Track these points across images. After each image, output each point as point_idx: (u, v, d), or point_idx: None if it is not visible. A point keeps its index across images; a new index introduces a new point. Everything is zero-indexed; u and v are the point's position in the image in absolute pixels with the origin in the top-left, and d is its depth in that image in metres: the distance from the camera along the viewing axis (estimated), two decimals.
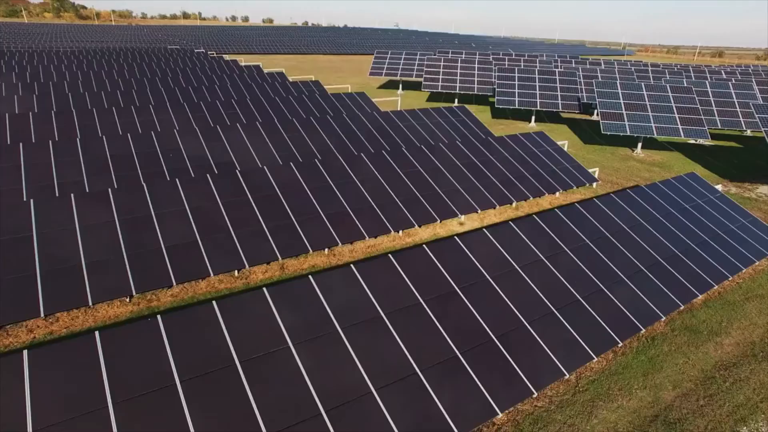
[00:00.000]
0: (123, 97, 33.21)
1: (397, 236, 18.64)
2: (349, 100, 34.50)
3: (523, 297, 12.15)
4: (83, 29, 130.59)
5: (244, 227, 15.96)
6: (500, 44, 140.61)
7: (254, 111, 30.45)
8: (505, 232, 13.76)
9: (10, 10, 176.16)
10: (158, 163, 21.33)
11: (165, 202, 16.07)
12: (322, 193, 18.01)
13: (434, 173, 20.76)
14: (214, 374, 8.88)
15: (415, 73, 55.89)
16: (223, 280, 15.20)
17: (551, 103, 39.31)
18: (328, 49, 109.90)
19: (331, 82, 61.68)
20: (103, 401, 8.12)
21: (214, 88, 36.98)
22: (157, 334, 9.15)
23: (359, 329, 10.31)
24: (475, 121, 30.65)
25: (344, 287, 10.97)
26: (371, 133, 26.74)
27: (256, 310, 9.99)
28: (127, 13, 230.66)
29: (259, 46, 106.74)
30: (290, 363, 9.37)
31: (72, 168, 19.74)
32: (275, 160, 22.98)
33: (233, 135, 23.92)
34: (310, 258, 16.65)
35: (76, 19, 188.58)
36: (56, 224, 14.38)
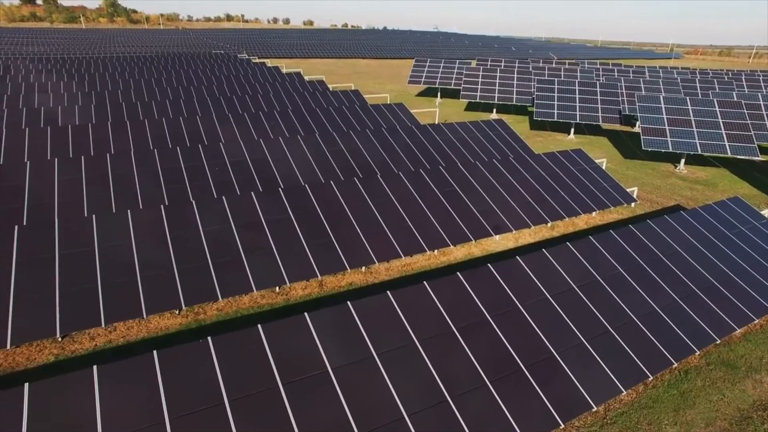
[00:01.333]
0: (172, 107, 34.79)
1: (432, 255, 19.06)
2: (388, 111, 35.08)
3: (554, 326, 12.39)
4: (134, 34, 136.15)
5: (285, 244, 16.71)
6: (540, 48, 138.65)
7: (296, 123, 31.40)
8: (539, 260, 14.00)
9: (70, 17, 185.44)
10: (205, 176, 22.42)
11: (211, 218, 17.00)
12: (361, 212, 18.62)
13: (470, 192, 21.07)
14: (259, 395, 9.56)
15: (454, 82, 56.04)
16: (265, 296, 15.98)
17: (591, 116, 38.84)
18: (367, 53, 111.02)
19: (369, 88, 62.47)
20: (161, 417, 8.90)
21: (257, 98, 38.22)
22: (207, 355, 9.90)
23: (393, 356, 10.81)
24: (512, 135, 30.70)
25: (380, 314, 11.49)
26: (409, 148, 27.22)
27: (297, 335, 10.64)
28: (174, 16, 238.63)
29: (300, 50, 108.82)
30: (329, 386, 9.96)
31: (127, 180, 21.01)
32: (316, 176, 23.75)
33: (276, 148, 24.85)
34: (348, 276, 17.27)
35: (127, 23, 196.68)
36: (115, 238, 15.47)
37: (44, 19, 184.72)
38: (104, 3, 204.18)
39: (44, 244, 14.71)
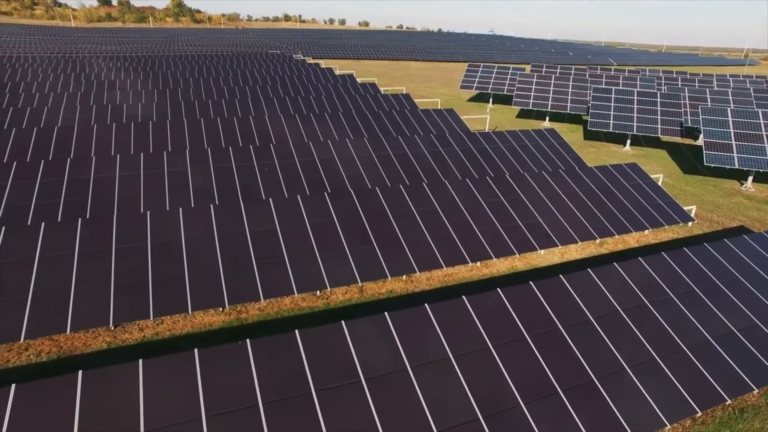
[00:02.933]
0: (227, 106, 35.98)
1: (475, 266, 18.82)
2: (437, 117, 34.92)
3: (595, 350, 11.95)
4: (197, 33, 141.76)
5: (328, 249, 16.94)
6: (600, 53, 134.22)
7: (345, 126, 31.78)
8: (583, 280, 13.56)
9: (140, 17, 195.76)
10: (254, 177, 23.04)
11: (258, 219, 17.45)
12: (405, 220, 18.62)
13: (516, 204, 20.67)
14: (292, 400, 9.74)
15: (506, 88, 55.12)
16: (306, 299, 16.27)
17: (650, 128, 37.24)
18: (421, 56, 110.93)
19: (421, 92, 62.39)
20: (198, 413, 9.22)
21: (309, 99, 38.94)
22: (245, 357, 10.18)
23: (427, 370, 10.75)
24: (564, 145, 29.88)
25: (417, 326, 11.46)
26: (457, 155, 27.00)
27: (334, 342, 10.76)
28: (235, 16, 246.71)
29: (354, 51, 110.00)
30: (361, 396, 10.02)
31: (181, 177, 21.90)
32: (362, 180, 23.95)
33: (325, 151, 25.23)
34: (389, 283, 17.32)
35: (191, 22, 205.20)
36: (166, 235, 16.16)
37: (117, 19, 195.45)
38: (171, 3, 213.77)
39: (102, 236, 15.55)
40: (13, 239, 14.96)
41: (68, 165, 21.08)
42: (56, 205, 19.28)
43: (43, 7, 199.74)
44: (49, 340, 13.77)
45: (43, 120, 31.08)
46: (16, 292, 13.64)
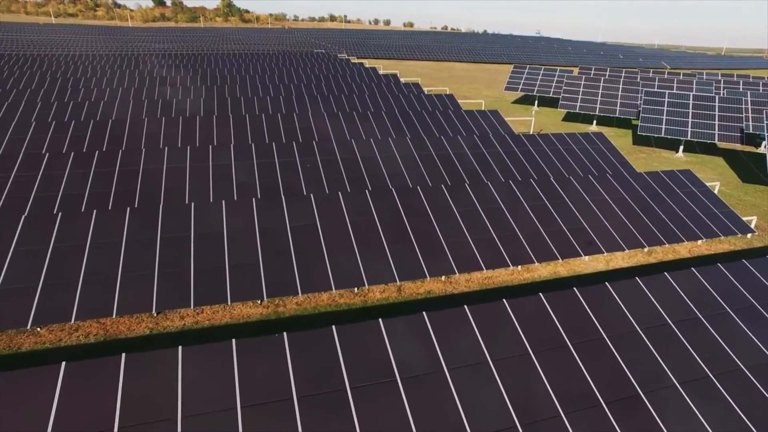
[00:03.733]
0: (272, 103, 36.57)
1: (516, 270, 18.37)
2: (481, 118, 34.40)
3: (643, 363, 11.38)
4: (245, 32, 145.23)
5: (367, 246, 16.88)
6: (652, 56, 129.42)
7: (388, 125, 31.72)
8: (631, 288, 12.96)
9: (192, 17, 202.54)
10: (296, 172, 23.26)
11: (298, 214, 17.57)
12: (445, 220, 18.36)
13: (560, 208, 20.05)
14: (327, 396, 9.68)
15: (553, 91, 53.82)
16: (344, 295, 16.25)
17: (705, 133, 35.51)
18: (465, 57, 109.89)
19: (465, 93, 61.74)
20: (234, 403, 9.29)
21: (353, 98, 39.11)
22: (282, 350, 10.20)
23: (464, 373, 10.49)
24: (611, 150, 28.84)
25: (455, 328, 11.21)
26: (500, 157, 26.49)
27: (370, 340, 10.65)
28: (282, 16, 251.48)
29: (398, 51, 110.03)
30: (396, 396, 9.87)
31: (225, 171, 22.34)
32: (404, 179, 23.81)
33: (367, 149, 25.23)
34: (427, 283, 17.10)
35: (240, 22, 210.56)
36: (209, 226, 16.49)
37: (171, 19, 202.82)
38: (221, 3, 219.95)
39: (149, 226, 16.00)
40: (67, 225, 15.59)
41: (120, 156, 21.85)
42: (107, 194, 20.01)
43: (104, 8, 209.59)
44: (97, 323, 14.26)
45: (99, 113, 32.41)
46: (69, 275, 14.19)
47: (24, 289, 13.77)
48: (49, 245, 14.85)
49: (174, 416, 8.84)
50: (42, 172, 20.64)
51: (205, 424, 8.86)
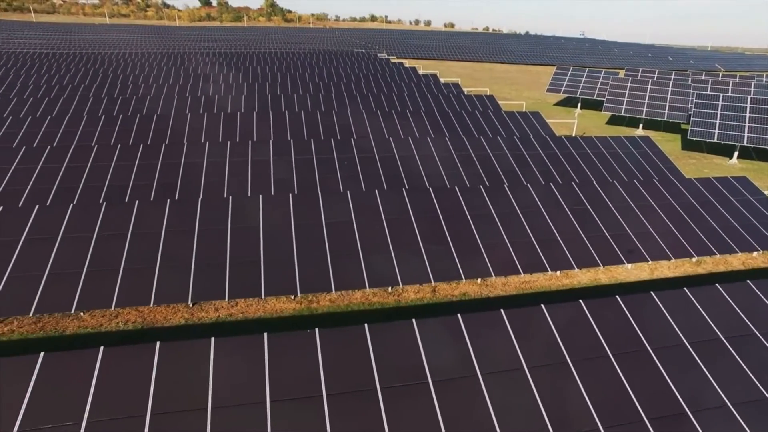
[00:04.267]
0: (311, 101, 36.85)
1: (554, 275, 17.82)
2: (522, 119, 33.68)
3: (690, 379, 10.76)
4: (287, 31, 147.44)
5: (402, 246, 16.69)
6: (705, 58, 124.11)
7: (427, 124, 31.44)
8: (679, 299, 12.30)
9: (236, 16, 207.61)
10: (333, 169, 23.29)
11: (334, 211, 17.54)
12: (483, 221, 17.98)
13: (603, 213, 19.33)
14: (356, 395, 9.54)
15: (597, 93, 52.26)
16: (377, 294, 16.12)
17: (764, 139, 33.67)
18: (506, 58, 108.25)
19: (505, 95, 60.75)
20: (263, 397, 9.27)
21: (392, 97, 38.99)
22: (313, 346, 10.12)
23: (498, 378, 10.16)
24: (659, 154, 27.69)
25: (490, 332, 10.89)
26: (541, 159, 25.82)
27: (403, 340, 10.46)
28: (323, 15, 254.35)
29: (438, 52, 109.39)
30: (427, 399, 9.64)
31: (263, 167, 22.58)
32: (441, 179, 23.51)
33: (405, 147, 25.04)
34: (462, 285, 16.78)
35: (282, 22, 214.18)
36: (245, 220, 16.65)
37: (216, 19, 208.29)
38: (265, 3, 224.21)
39: (187, 218, 16.28)
40: (111, 215, 16.04)
41: (163, 150, 22.39)
42: (150, 186, 20.53)
43: (154, 9, 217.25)
44: (135, 310, 14.60)
45: (145, 108, 33.41)
46: (111, 263, 14.58)
47: (70, 274, 14.22)
48: (93, 233, 15.31)
49: (204, 406, 8.88)
50: (90, 163, 21.36)
51: (234, 416, 8.87)
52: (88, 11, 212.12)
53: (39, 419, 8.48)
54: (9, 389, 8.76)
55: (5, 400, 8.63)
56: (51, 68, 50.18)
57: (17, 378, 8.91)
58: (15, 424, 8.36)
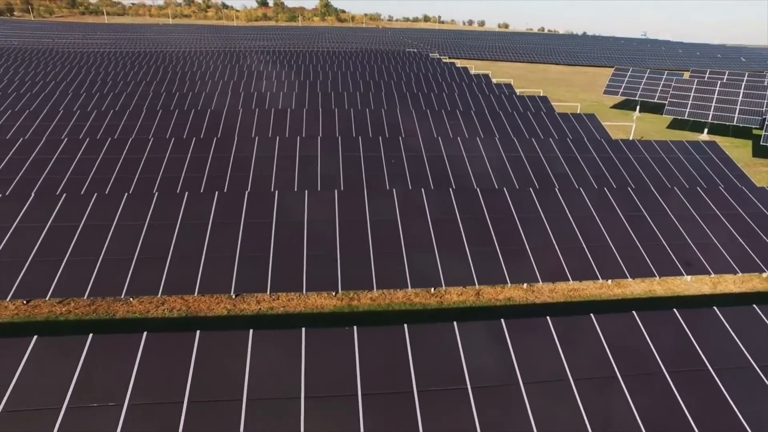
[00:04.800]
0: (361, 99, 36.92)
1: (605, 284, 16.97)
2: (576, 121, 32.46)
3: (759, 406, 9.88)
4: (340, 31, 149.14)
5: (447, 247, 16.33)
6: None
7: (477, 124, 30.84)
8: (746, 316, 11.35)
9: (291, 16, 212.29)
10: (380, 167, 23.16)
11: (379, 209, 17.37)
12: (531, 224, 17.35)
13: (661, 220, 18.24)
14: (392, 396, 9.30)
15: (658, 95, 49.76)
16: (419, 294, 15.83)
17: None
18: (561, 59, 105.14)
19: (559, 97, 58.94)
20: (298, 392, 9.19)
21: (442, 96, 38.53)
22: (350, 344, 9.97)
23: (541, 388, 9.67)
24: (726, 161, 25.95)
25: (535, 340, 10.40)
26: (594, 162, 24.75)
27: (443, 343, 10.14)
28: (377, 15, 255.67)
29: (491, 52, 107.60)
30: (465, 405, 9.29)
31: (311, 162, 22.73)
32: (489, 180, 22.94)
33: (453, 147, 24.61)
34: (507, 290, 16.25)
35: (335, 21, 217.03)
36: (290, 215, 16.74)
37: (271, 19, 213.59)
38: (319, 3, 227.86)
39: (234, 210, 16.54)
40: (162, 205, 16.52)
41: (214, 144, 22.94)
42: (200, 178, 21.06)
43: (214, 9, 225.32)
44: (181, 299, 14.96)
45: (200, 104, 34.46)
46: (159, 252, 14.99)
47: (122, 261, 14.73)
48: (145, 222, 15.80)
49: (239, 397, 8.89)
50: (146, 155, 22.15)
51: (268, 409, 8.83)
52: (153, 13, 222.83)
53: (85, 398, 8.73)
54: (59, 368, 9.08)
55: (56, 377, 8.94)
56: (117, 66, 52.73)
57: (67, 357, 9.23)
58: (64, 402, 8.64)
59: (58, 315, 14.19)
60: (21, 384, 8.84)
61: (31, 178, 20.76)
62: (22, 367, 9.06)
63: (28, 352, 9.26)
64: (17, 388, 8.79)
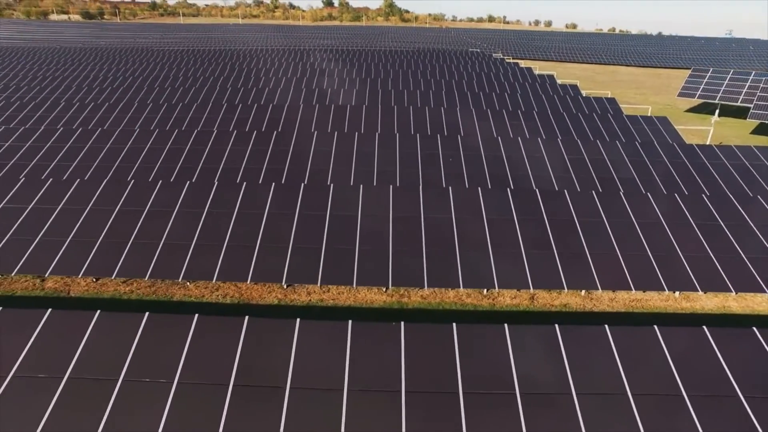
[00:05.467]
0: (421, 97, 36.66)
1: (672, 296, 15.86)
2: (646, 124, 30.71)
3: None
4: (403, 30, 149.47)
5: (502, 247, 15.82)
6: None
7: (539, 124, 29.83)
8: None
9: (355, 16, 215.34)
10: (437, 165, 22.83)
11: (434, 206, 17.08)
12: (593, 229, 16.50)
13: (741, 231, 16.83)
14: (437, 395, 9.04)
15: (742, 98, 46.26)
16: (471, 295, 15.42)
17: None
18: (632, 60, 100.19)
19: (628, 99, 56.14)
20: (341, 384, 9.10)
21: (504, 96, 37.61)
22: (396, 339, 9.78)
23: (596, 401, 9.08)
24: None
25: (591, 349, 9.80)
26: (665, 167, 23.26)
27: (492, 345, 9.76)
28: (440, 16, 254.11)
29: (557, 53, 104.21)
30: (512, 412, 8.87)
31: (368, 158, 22.74)
32: (549, 182, 22.09)
33: (513, 147, 23.91)
34: (564, 296, 15.53)
35: (399, 21, 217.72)
36: (345, 208, 16.77)
37: (336, 18, 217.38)
38: (384, 4, 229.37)
39: (289, 202, 16.77)
40: (221, 194, 17.01)
41: (273, 137, 23.44)
42: (259, 170, 21.56)
43: (282, 9, 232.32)
44: (234, 286, 15.32)
45: (263, 98, 35.41)
46: (216, 239, 15.44)
47: (181, 246, 15.28)
48: (204, 210, 16.32)
49: (283, 385, 8.91)
50: (209, 147, 22.95)
51: (310, 398, 8.80)
52: (225, 13, 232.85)
53: (139, 372, 9.05)
54: (117, 342, 9.47)
55: (114, 350, 9.32)
56: (188, 62, 55.24)
57: (125, 332, 9.61)
58: (120, 374, 8.99)
59: (122, 294, 14.91)
60: (83, 355, 9.29)
61: (105, 165, 22.01)
62: (85, 338, 9.52)
63: (92, 325, 9.72)
64: (80, 358, 9.24)
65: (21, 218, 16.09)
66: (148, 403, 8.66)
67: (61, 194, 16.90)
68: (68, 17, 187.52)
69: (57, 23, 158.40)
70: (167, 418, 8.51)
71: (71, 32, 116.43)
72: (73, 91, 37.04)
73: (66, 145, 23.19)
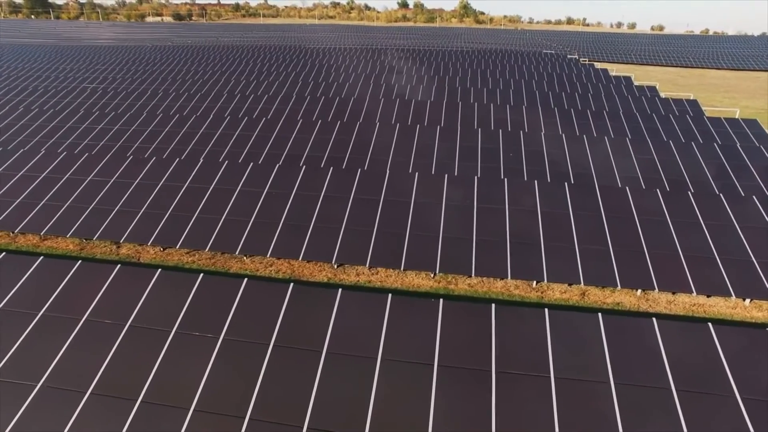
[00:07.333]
0: (487, 95, 36.29)
1: (739, 303, 14.82)
2: (730, 127, 28.69)
3: None
4: (477, 32, 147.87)
5: (554, 240, 15.47)
6: None
7: (608, 124, 28.69)
8: None
9: (429, 17, 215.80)
10: (497, 159, 22.59)
11: (487, 198, 16.97)
12: (653, 227, 15.75)
13: None
14: (469, 372, 9.07)
15: None
16: (519, 287, 15.21)
17: None
18: (723, 63, 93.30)
19: (714, 103, 52.48)
20: (375, 353, 9.36)
21: (574, 96, 36.42)
22: (434, 314, 9.91)
23: (636, 394, 8.75)
24: None
25: (633, 341, 9.45)
26: (749, 173, 21.67)
27: (530, 327, 9.66)
28: (516, 17, 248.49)
29: (637, 55, 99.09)
30: (545, 395, 8.74)
31: (427, 149, 22.91)
32: (614, 181, 21.25)
33: (577, 145, 23.20)
34: (617, 294, 14.94)
35: (473, 23, 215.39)
36: (400, 194, 17.04)
37: (410, 20, 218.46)
38: (458, 5, 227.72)
39: (345, 186, 17.28)
40: (281, 176, 17.81)
41: (337, 127, 24.13)
42: (321, 158, 22.31)
43: (357, 10, 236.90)
44: (287, 263, 16.01)
45: (332, 91, 36.46)
46: (272, 217, 16.21)
47: (240, 222, 16.18)
48: (264, 189, 17.18)
49: (320, 349, 9.31)
50: (276, 134, 24.02)
51: (345, 365, 9.13)
52: (303, 14, 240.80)
53: (190, 326, 9.78)
54: (173, 298, 10.27)
55: (170, 305, 10.13)
56: (265, 58, 57.77)
57: (181, 289, 10.41)
58: (173, 327, 9.75)
59: (185, 263, 16.01)
60: (144, 307, 10.16)
61: (179, 148, 23.63)
62: (146, 293, 10.41)
63: (153, 280, 10.61)
64: (141, 310, 10.12)
65: (104, 189, 17.67)
66: (195, 355, 9.35)
67: (138, 171, 18.38)
68: (161, 19, 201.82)
69: (152, 23, 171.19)
70: (210, 371, 9.15)
71: (161, 31, 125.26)
72: (168, 83, 39.95)
73: (148, 129, 25.13)
